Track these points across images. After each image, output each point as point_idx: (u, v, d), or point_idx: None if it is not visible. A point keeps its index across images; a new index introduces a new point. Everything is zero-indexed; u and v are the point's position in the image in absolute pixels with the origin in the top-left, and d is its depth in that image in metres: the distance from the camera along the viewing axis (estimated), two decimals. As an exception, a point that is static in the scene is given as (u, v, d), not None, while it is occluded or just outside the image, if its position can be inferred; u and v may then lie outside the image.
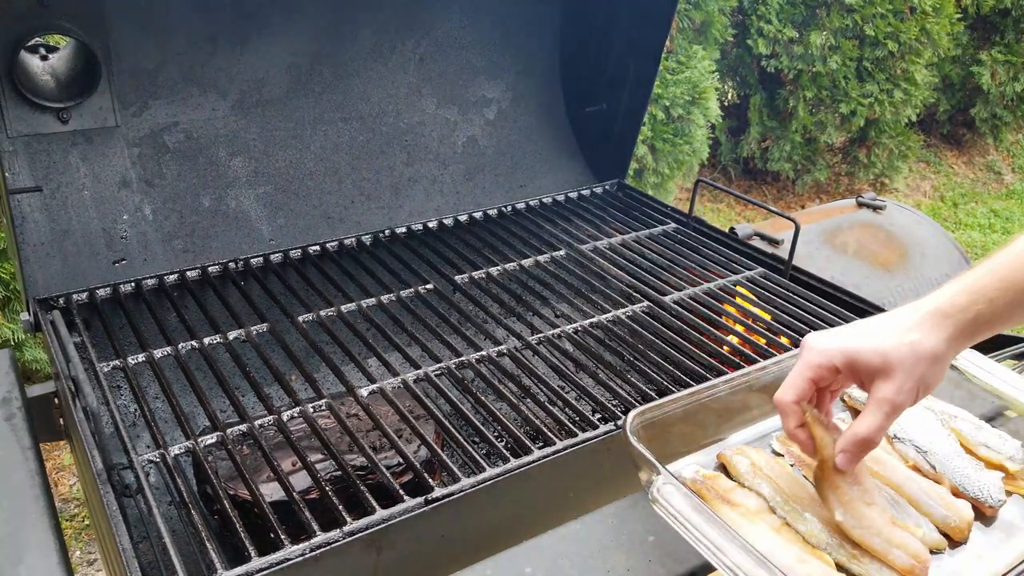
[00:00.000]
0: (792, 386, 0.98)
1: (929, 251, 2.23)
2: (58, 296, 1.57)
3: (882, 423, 0.94)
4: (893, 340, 0.94)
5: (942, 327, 0.94)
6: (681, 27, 4.02)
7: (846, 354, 0.95)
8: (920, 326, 0.94)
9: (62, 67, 1.65)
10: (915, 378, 0.93)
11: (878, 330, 0.96)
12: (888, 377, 0.93)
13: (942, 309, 0.95)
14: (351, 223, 1.93)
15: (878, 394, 0.93)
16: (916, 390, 0.93)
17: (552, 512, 1.23)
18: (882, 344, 0.93)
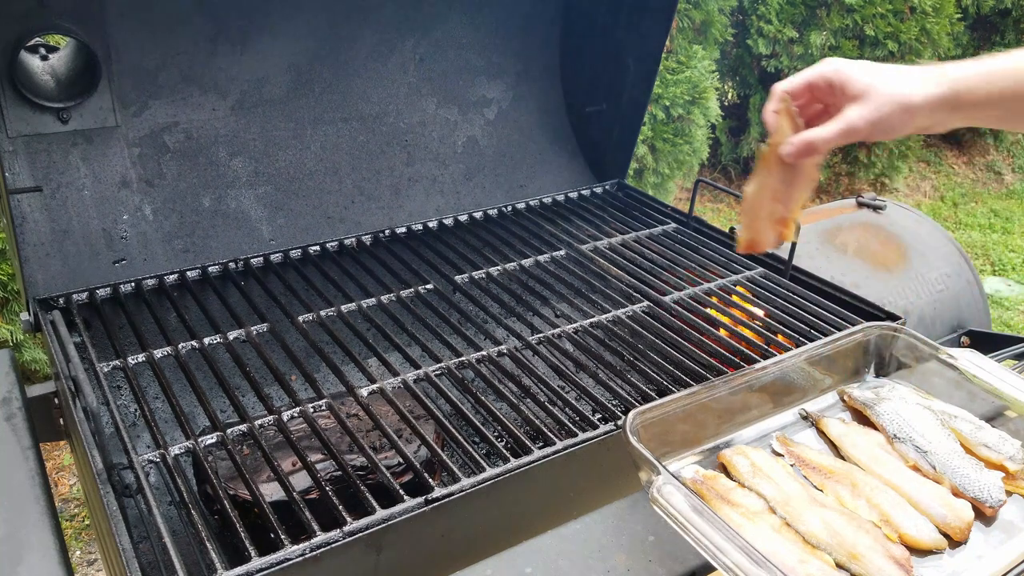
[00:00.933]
0: (791, 81, 1.11)
1: (929, 251, 2.23)
2: (58, 296, 1.57)
3: (832, 136, 1.06)
4: (886, 76, 1.04)
5: (928, 86, 1.03)
6: (681, 27, 4.03)
7: (843, 73, 1.06)
8: (913, 77, 1.03)
9: (62, 67, 1.65)
10: (880, 114, 1.03)
11: (870, 64, 1.06)
12: (863, 102, 1.04)
13: (934, 74, 1.03)
14: (351, 223, 1.93)
15: (843, 113, 1.06)
16: (875, 124, 1.04)
17: (552, 512, 1.24)
18: (873, 79, 1.04)
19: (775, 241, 1.21)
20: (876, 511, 1.05)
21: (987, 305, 2.25)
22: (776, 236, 1.21)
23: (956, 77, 1.03)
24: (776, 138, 1.12)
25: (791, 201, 1.17)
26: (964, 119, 1.07)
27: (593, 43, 2.12)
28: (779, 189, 1.16)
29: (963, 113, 1.05)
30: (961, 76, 1.03)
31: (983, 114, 1.06)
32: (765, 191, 1.17)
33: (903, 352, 1.34)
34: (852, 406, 1.28)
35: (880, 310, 1.63)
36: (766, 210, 1.19)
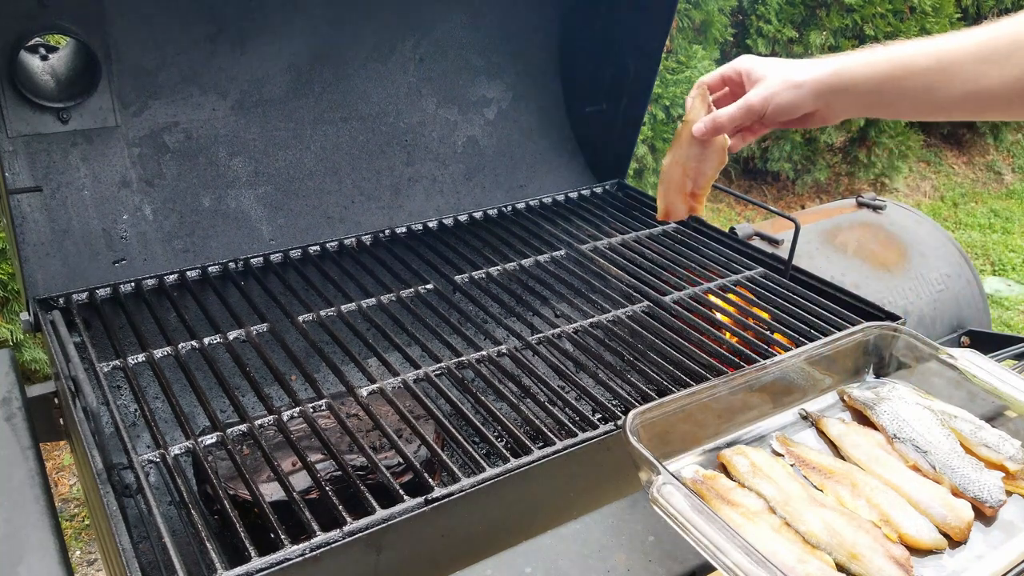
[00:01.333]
0: (710, 74, 1.30)
1: (929, 251, 2.23)
2: (58, 296, 1.57)
3: (733, 113, 1.23)
4: (779, 67, 1.20)
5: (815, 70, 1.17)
6: (681, 27, 4.03)
7: (748, 64, 1.23)
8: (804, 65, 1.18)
9: (62, 67, 1.65)
10: (771, 90, 1.19)
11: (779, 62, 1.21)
12: (757, 86, 1.21)
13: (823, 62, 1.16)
14: (351, 223, 1.93)
15: (746, 95, 1.22)
16: (767, 99, 1.19)
17: (552, 512, 1.24)
18: (771, 67, 1.20)
19: (685, 212, 1.36)
20: (876, 511, 1.05)
21: (987, 305, 2.25)
22: (687, 208, 1.36)
23: (840, 62, 1.15)
24: (690, 117, 1.28)
25: (701, 176, 1.31)
26: (850, 103, 1.17)
27: (593, 43, 2.12)
28: (690, 165, 1.31)
29: (847, 96, 1.15)
30: (844, 61, 1.15)
31: (864, 99, 1.15)
32: (677, 166, 1.32)
33: (903, 352, 1.34)
34: (852, 406, 1.28)
35: (880, 310, 1.63)
36: (677, 183, 1.34)
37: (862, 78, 1.13)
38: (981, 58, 1.02)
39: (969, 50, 1.03)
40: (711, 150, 1.29)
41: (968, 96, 1.04)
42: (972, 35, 1.03)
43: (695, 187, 1.33)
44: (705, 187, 1.32)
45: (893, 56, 1.10)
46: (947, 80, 1.05)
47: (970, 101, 1.05)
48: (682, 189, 1.33)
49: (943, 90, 1.06)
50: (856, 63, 1.13)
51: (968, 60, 1.03)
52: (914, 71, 1.08)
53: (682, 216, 1.36)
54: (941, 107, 1.08)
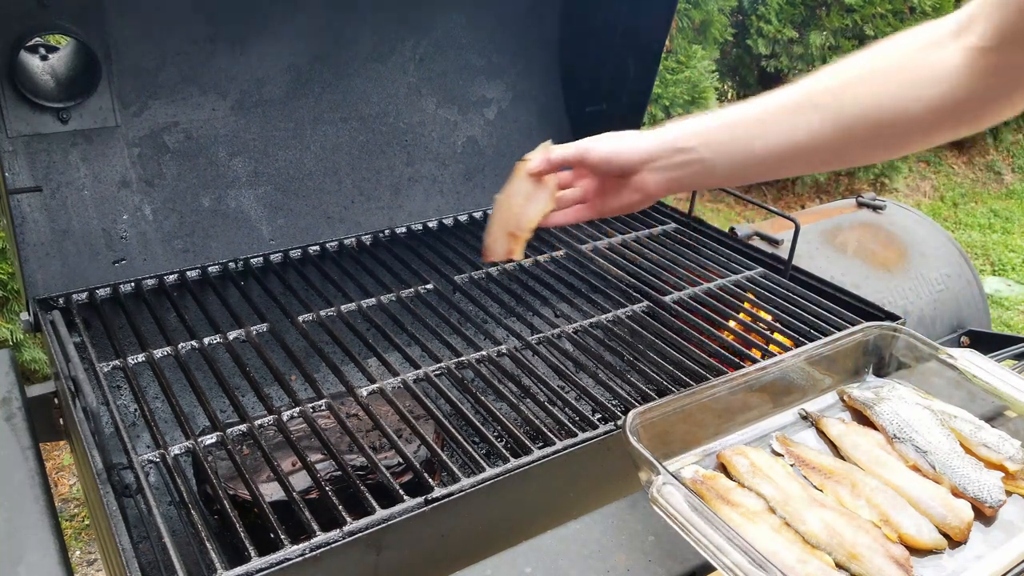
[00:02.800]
0: (560, 156, 1.21)
1: (929, 251, 2.23)
2: (58, 296, 1.57)
3: (566, 150, 1.19)
4: (616, 140, 1.15)
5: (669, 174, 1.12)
6: (681, 27, 4.03)
7: (582, 144, 1.18)
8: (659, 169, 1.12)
9: (62, 67, 1.65)
10: (608, 139, 1.16)
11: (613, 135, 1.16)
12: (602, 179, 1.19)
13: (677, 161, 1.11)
14: (351, 223, 1.93)
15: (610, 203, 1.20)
16: (601, 139, 1.16)
17: (552, 512, 1.23)
18: (608, 143, 1.16)
19: (503, 254, 1.24)
20: (876, 511, 1.05)
21: (987, 305, 2.25)
22: (505, 251, 1.24)
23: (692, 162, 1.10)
24: (528, 155, 1.23)
25: (524, 218, 1.22)
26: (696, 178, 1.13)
27: (593, 43, 2.12)
28: (519, 203, 1.23)
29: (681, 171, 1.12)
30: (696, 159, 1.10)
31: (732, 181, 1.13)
32: (507, 202, 1.24)
33: (903, 352, 1.34)
34: (852, 406, 1.28)
35: (880, 310, 1.63)
36: (502, 220, 1.24)
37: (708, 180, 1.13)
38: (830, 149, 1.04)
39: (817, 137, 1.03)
40: (541, 191, 1.23)
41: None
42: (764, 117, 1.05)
43: (517, 228, 1.24)
44: (526, 229, 1.23)
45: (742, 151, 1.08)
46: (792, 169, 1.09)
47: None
48: (505, 228, 1.24)
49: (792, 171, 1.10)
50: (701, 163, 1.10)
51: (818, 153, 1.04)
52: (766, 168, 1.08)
53: (500, 257, 1.24)
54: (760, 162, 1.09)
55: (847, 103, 1.01)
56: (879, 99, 0.99)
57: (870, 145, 1.03)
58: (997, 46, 0.92)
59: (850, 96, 1.01)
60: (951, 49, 0.96)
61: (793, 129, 1.03)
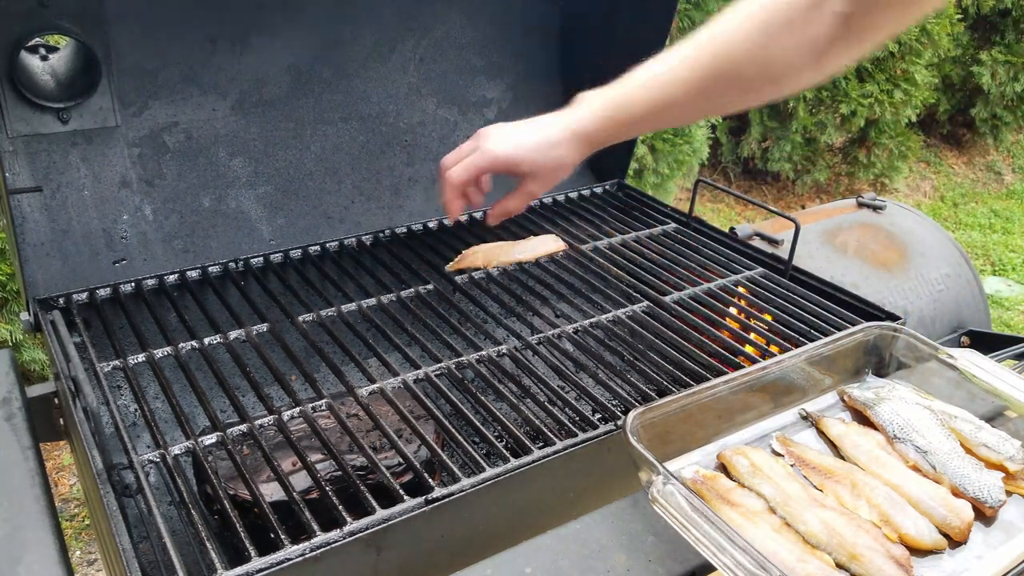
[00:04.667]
0: (466, 170, 1.35)
1: (929, 251, 2.23)
2: (58, 296, 1.57)
3: (522, 203, 1.43)
4: (542, 153, 1.31)
5: (581, 146, 1.30)
6: (681, 27, 4.02)
7: (510, 161, 1.33)
8: (565, 144, 1.30)
9: (62, 67, 1.65)
10: (551, 181, 1.35)
11: (532, 141, 1.32)
12: (534, 180, 1.35)
13: (584, 132, 1.29)
14: (351, 223, 1.93)
15: (525, 187, 1.37)
16: (548, 186, 1.36)
17: (552, 512, 1.24)
18: (535, 157, 1.31)
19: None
20: (876, 511, 1.05)
21: (987, 305, 2.25)
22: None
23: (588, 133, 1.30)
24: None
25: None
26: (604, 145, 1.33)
27: (593, 43, 2.12)
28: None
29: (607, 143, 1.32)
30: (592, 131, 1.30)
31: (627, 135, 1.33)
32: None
33: (903, 352, 1.34)
34: (852, 406, 1.28)
35: (880, 310, 1.63)
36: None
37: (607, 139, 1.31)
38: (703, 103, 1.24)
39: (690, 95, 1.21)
40: None
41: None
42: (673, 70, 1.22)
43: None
44: None
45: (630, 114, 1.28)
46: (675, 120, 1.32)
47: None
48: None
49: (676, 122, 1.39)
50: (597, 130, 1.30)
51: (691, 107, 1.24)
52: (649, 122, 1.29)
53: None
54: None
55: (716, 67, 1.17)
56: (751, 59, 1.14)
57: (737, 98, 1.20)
58: (854, 10, 1.05)
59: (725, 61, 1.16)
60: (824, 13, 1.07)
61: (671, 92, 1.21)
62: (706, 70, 1.17)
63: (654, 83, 1.24)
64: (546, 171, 1.32)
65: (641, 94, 1.26)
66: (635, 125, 1.29)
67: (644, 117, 1.26)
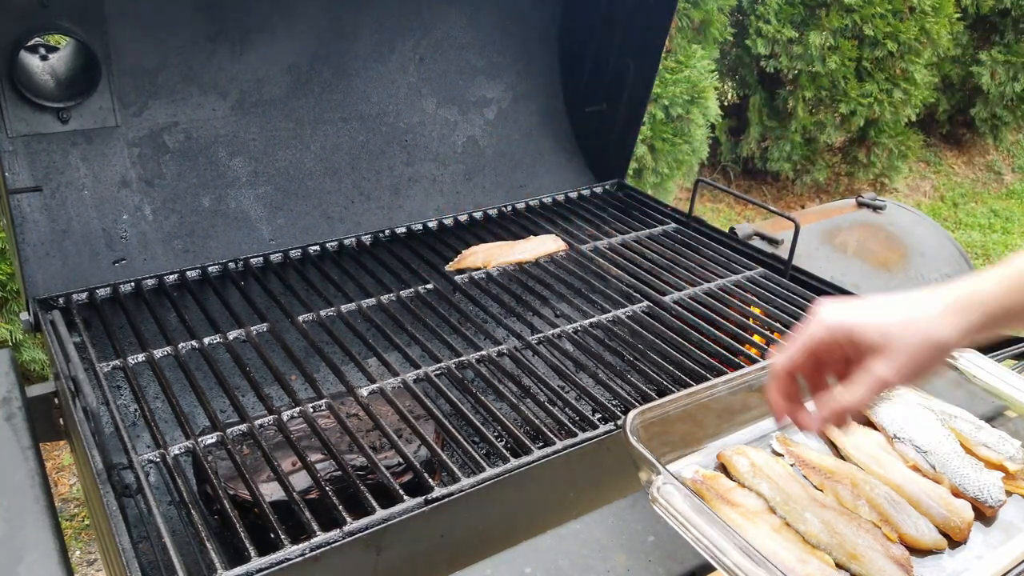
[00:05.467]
0: (789, 354, 0.95)
1: (929, 251, 2.23)
2: (58, 296, 1.57)
3: (867, 397, 0.91)
4: (903, 320, 0.90)
5: (961, 316, 0.90)
6: (680, 26, 4.02)
7: (849, 328, 0.92)
8: (937, 309, 0.90)
9: (62, 67, 1.65)
10: (915, 362, 0.90)
11: (892, 309, 0.92)
12: (884, 355, 0.90)
13: (964, 297, 0.91)
14: (351, 223, 1.93)
15: (875, 368, 0.90)
16: (912, 374, 0.90)
17: (552, 512, 1.23)
18: (887, 321, 0.90)
19: None
20: (876, 511, 1.05)
21: (987, 305, 2.24)
22: None
23: (984, 301, 0.91)
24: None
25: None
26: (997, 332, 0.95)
27: (593, 43, 2.12)
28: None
29: (997, 329, 0.93)
30: (990, 298, 0.91)
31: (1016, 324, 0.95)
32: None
33: (903, 352, 1.33)
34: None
35: (880, 310, 1.62)
36: None
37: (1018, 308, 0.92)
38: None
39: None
40: None
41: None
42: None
43: None
44: None
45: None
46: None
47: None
48: None
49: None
50: (1004, 296, 0.91)
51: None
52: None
53: None
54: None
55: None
56: None
57: None
58: None
59: None
60: None
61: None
62: None
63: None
64: (902, 341, 0.89)
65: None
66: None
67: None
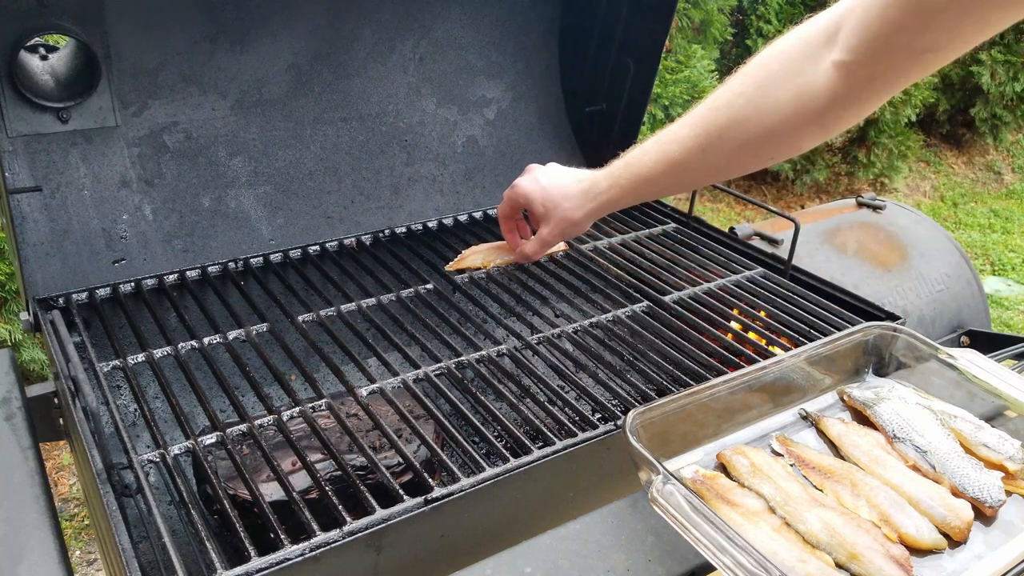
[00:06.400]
0: (502, 207, 1.61)
1: (929, 251, 2.23)
2: (58, 296, 1.57)
3: (538, 249, 1.61)
4: (556, 201, 1.46)
5: (585, 204, 1.43)
6: (680, 26, 4.03)
7: (527, 199, 1.52)
8: (575, 198, 1.44)
9: (62, 67, 1.65)
10: (560, 230, 1.50)
11: (552, 188, 1.47)
12: (547, 224, 1.50)
13: (590, 191, 1.42)
14: (351, 223, 1.93)
15: (541, 232, 1.54)
16: (560, 236, 1.52)
17: (552, 512, 1.24)
18: (549, 201, 1.47)
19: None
20: (876, 511, 1.05)
21: (987, 305, 2.25)
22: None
23: (599, 194, 1.41)
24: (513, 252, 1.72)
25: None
26: (626, 205, 1.44)
27: (593, 43, 2.12)
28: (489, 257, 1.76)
29: (621, 204, 1.42)
30: (602, 193, 1.40)
31: (636, 199, 1.43)
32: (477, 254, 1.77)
33: (903, 352, 1.34)
34: (852, 406, 1.28)
35: (880, 310, 1.63)
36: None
37: (630, 192, 1.36)
38: (702, 161, 1.22)
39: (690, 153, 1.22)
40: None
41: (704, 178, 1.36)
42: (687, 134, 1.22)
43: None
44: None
45: (634, 174, 1.32)
46: (683, 182, 1.33)
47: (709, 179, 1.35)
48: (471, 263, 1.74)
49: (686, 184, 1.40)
50: (622, 183, 1.35)
51: (693, 165, 1.23)
52: (657, 183, 1.30)
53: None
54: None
55: (713, 123, 1.17)
56: (760, 112, 1.11)
57: (738, 157, 1.19)
58: (861, 59, 0.98)
59: (721, 117, 1.16)
60: (823, 64, 1.02)
61: (669, 150, 1.24)
62: (706, 126, 1.17)
63: (655, 147, 1.26)
64: (555, 218, 1.48)
65: (643, 158, 1.28)
66: (640, 189, 1.33)
67: (649, 180, 1.29)
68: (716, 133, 1.16)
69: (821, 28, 1.03)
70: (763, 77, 1.10)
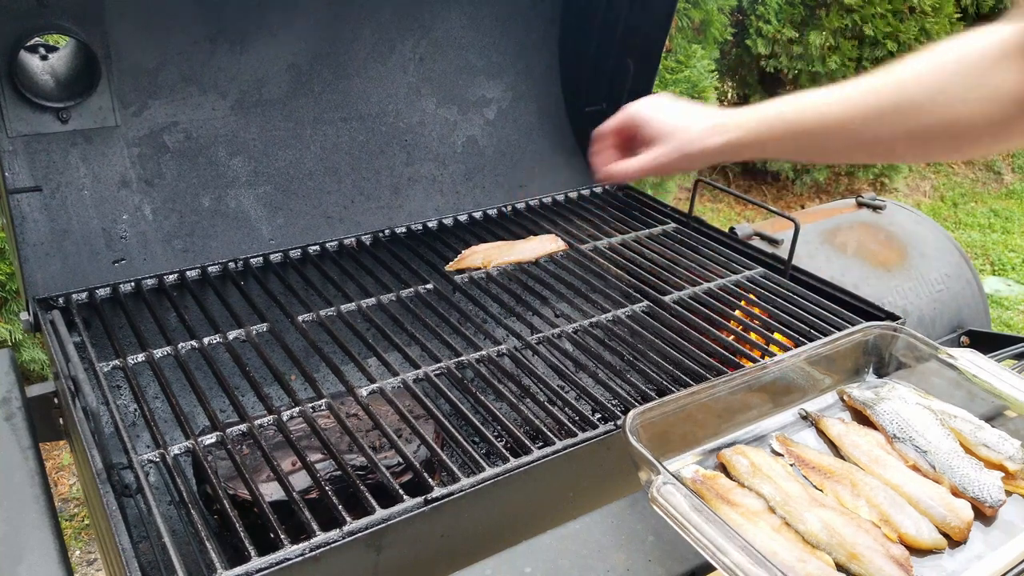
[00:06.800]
0: (604, 126, 1.35)
1: (929, 251, 2.23)
2: (58, 296, 1.57)
3: (641, 169, 1.28)
4: (683, 123, 1.24)
5: (712, 136, 1.21)
6: (680, 26, 4.03)
7: (643, 117, 1.28)
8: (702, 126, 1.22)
9: (62, 67, 1.65)
10: (679, 154, 1.24)
11: (677, 110, 1.26)
12: (663, 144, 1.25)
13: (722, 125, 1.20)
14: (351, 223, 1.93)
15: (652, 151, 1.26)
16: (673, 161, 1.25)
17: (552, 512, 1.24)
18: (671, 122, 1.25)
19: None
20: (876, 511, 1.05)
21: (987, 305, 2.25)
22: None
23: (740, 125, 1.18)
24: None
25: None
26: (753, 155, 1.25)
27: (593, 43, 2.12)
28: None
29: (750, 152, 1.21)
30: (744, 127, 1.18)
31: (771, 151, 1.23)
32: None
33: (903, 352, 1.34)
34: (852, 406, 1.28)
35: (880, 310, 1.63)
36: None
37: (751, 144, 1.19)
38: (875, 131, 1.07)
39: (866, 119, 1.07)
40: None
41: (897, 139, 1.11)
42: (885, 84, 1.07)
43: None
44: None
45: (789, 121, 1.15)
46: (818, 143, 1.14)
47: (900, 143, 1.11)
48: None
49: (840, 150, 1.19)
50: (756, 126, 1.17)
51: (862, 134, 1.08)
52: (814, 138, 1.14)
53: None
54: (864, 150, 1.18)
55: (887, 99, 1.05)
56: (935, 102, 1.01)
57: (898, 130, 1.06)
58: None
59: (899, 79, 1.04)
60: (1015, 70, 0.96)
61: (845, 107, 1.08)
62: (878, 95, 1.06)
63: (820, 98, 1.12)
64: (677, 140, 1.23)
65: (803, 111, 1.13)
66: (787, 140, 1.15)
67: (802, 130, 1.13)
68: (891, 108, 1.05)
69: (1018, 35, 0.97)
70: (951, 65, 1.02)
